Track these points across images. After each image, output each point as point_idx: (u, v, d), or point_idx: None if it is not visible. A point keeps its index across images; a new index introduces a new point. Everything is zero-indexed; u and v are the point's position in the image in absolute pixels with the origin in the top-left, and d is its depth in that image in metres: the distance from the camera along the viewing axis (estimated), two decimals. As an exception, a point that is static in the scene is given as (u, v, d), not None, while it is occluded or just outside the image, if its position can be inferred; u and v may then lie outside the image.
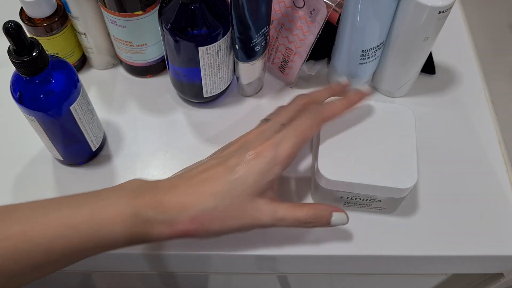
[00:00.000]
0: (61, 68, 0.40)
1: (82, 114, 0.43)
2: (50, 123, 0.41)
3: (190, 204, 0.35)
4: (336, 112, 0.40)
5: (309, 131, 0.38)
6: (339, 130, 0.42)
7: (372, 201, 0.43)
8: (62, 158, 0.47)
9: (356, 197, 0.42)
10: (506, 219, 0.45)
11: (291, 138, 0.37)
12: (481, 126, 0.52)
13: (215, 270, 0.50)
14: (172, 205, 0.35)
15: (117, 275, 0.60)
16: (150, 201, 0.35)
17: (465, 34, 0.60)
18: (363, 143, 0.42)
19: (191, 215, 0.35)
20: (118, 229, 0.34)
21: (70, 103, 0.41)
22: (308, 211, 0.37)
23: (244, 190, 0.36)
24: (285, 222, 0.37)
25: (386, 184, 0.40)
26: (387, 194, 0.41)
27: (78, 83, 0.41)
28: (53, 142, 0.44)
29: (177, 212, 0.35)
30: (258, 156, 0.36)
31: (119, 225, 0.34)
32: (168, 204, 0.35)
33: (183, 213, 0.35)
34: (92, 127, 0.45)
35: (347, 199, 0.43)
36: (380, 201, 0.42)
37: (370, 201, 0.43)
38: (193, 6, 0.42)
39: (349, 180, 0.40)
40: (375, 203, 0.43)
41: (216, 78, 0.49)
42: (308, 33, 0.48)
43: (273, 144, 0.37)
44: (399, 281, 0.60)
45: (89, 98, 0.44)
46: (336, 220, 0.38)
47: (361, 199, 0.42)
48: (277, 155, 0.37)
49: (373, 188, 0.40)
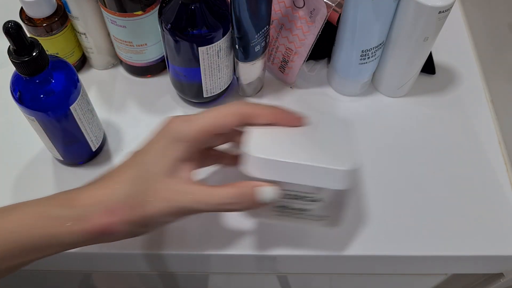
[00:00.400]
0: (61, 68, 0.40)
1: (82, 114, 0.43)
2: (50, 123, 0.41)
3: (103, 196, 0.33)
4: (260, 114, 0.36)
5: (224, 115, 0.36)
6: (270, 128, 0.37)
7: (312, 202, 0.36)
8: (62, 158, 0.47)
9: (294, 194, 0.36)
10: (506, 219, 0.45)
11: (203, 117, 0.35)
12: (481, 126, 0.52)
13: (215, 270, 0.50)
14: (83, 200, 0.33)
15: (117, 275, 0.60)
16: (58, 199, 0.34)
17: (465, 34, 0.60)
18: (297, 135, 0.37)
19: (105, 206, 0.33)
20: (35, 232, 0.32)
21: (70, 103, 0.41)
22: (229, 190, 0.34)
23: (153, 172, 0.34)
24: (205, 204, 0.34)
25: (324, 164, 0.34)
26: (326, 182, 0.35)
27: (78, 83, 0.41)
28: (53, 142, 0.44)
29: (89, 206, 0.33)
30: (164, 132, 0.35)
31: (29, 227, 0.32)
32: (80, 199, 0.33)
33: (95, 205, 0.33)
34: (92, 127, 0.45)
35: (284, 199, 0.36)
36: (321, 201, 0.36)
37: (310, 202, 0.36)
38: (193, 6, 0.42)
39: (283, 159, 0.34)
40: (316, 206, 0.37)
41: (216, 78, 0.49)
42: (308, 33, 0.48)
43: (182, 120, 0.35)
44: (399, 281, 0.60)
45: (89, 98, 0.44)
46: (265, 194, 0.34)
47: (301, 197, 0.36)
48: (182, 130, 0.35)
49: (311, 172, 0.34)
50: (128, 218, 0.33)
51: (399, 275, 0.56)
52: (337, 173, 0.34)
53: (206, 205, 0.34)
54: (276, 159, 0.34)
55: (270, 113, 0.37)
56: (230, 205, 0.34)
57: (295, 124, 0.38)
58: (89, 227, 0.33)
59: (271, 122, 0.37)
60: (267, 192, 0.34)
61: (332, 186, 0.35)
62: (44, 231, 0.33)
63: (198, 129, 0.35)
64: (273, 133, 0.36)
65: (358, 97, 0.54)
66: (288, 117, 0.38)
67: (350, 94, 0.54)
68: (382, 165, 0.49)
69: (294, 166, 0.34)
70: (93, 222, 0.33)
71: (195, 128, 0.35)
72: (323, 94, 0.54)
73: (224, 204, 0.34)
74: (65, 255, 0.43)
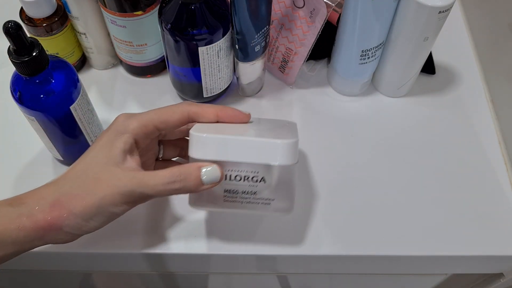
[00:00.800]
0: (61, 68, 0.40)
1: (82, 114, 0.43)
2: (50, 123, 0.41)
3: (48, 192, 0.35)
4: (206, 111, 0.38)
5: (170, 113, 0.38)
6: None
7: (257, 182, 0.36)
8: (62, 158, 0.47)
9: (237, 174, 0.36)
10: (506, 219, 0.45)
11: (149, 113, 0.38)
12: (481, 126, 0.52)
13: (215, 270, 0.50)
14: (29, 198, 0.34)
15: (117, 275, 0.61)
16: (7, 200, 0.35)
17: (465, 34, 0.60)
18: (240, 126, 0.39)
19: (50, 201, 0.34)
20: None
21: (70, 103, 0.41)
22: (173, 170, 0.34)
23: (98, 162, 0.35)
24: (149, 186, 0.34)
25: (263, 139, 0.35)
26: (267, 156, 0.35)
27: (78, 83, 0.41)
28: (53, 142, 0.44)
29: (34, 202, 0.34)
30: (109, 128, 0.37)
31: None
32: (26, 197, 0.35)
33: (40, 201, 0.34)
34: (92, 127, 0.45)
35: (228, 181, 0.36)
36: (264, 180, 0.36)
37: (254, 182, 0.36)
38: (193, 6, 0.42)
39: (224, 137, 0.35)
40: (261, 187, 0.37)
41: (216, 78, 0.49)
42: (308, 33, 0.48)
43: (127, 115, 0.38)
44: (399, 281, 0.60)
45: (89, 98, 0.44)
46: (208, 173, 0.34)
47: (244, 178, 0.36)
48: (127, 123, 0.37)
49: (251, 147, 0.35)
50: (74, 209, 0.34)
51: (399, 275, 0.56)
52: (275, 146, 0.35)
53: (150, 187, 0.34)
54: (216, 136, 0.35)
55: (215, 110, 0.38)
56: (174, 184, 0.34)
57: (241, 120, 0.40)
58: (36, 222, 0.33)
59: (217, 120, 0.39)
60: (210, 170, 0.34)
61: (272, 161, 0.35)
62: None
63: (139, 122, 0.37)
64: (218, 125, 0.38)
65: (358, 97, 0.54)
66: (233, 114, 0.39)
67: (350, 94, 0.54)
68: (382, 165, 0.49)
69: (234, 142, 0.35)
70: (39, 217, 0.33)
71: (137, 121, 0.37)
72: (323, 94, 0.54)
73: (168, 183, 0.34)
74: (65, 255, 0.43)
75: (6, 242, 0.33)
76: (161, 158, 0.43)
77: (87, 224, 0.35)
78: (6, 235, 0.33)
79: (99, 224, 0.35)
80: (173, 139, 0.43)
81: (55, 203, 0.34)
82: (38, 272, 0.57)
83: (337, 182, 0.47)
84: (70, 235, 0.35)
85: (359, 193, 0.47)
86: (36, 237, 0.34)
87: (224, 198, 0.37)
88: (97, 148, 0.36)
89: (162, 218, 0.44)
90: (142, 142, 0.38)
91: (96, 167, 0.35)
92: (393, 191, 0.47)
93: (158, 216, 0.44)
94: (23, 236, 0.33)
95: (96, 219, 0.35)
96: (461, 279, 0.55)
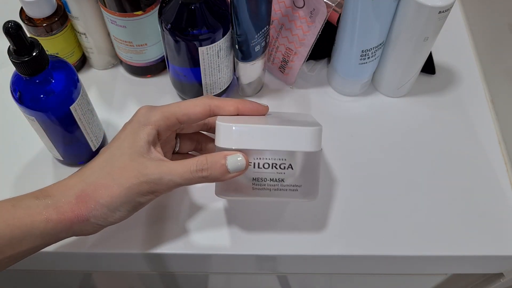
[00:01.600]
0: (61, 68, 0.40)
1: (82, 114, 0.43)
2: (50, 123, 0.41)
3: (73, 183, 0.35)
4: (227, 104, 0.39)
5: (192, 106, 0.38)
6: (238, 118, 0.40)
7: (284, 170, 0.37)
8: (62, 158, 0.47)
9: (264, 162, 0.37)
10: (506, 219, 0.45)
11: (171, 105, 0.38)
12: (481, 126, 0.52)
13: (215, 270, 0.50)
14: (55, 190, 0.35)
15: (117, 275, 0.61)
16: (32, 193, 0.35)
17: (465, 34, 0.60)
18: (263, 118, 0.40)
19: (76, 192, 0.34)
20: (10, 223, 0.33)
21: (70, 103, 0.41)
22: (199, 158, 0.35)
23: (123, 153, 0.35)
24: (176, 175, 0.35)
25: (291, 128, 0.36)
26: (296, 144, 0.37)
27: (78, 83, 0.41)
28: (53, 142, 0.44)
29: (60, 194, 0.34)
30: (131, 120, 0.38)
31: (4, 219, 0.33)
32: (51, 189, 0.35)
33: (66, 192, 0.34)
34: (92, 127, 0.45)
35: (255, 169, 0.37)
36: (291, 168, 0.37)
37: (281, 170, 0.37)
38: (193, 6, 0.42)
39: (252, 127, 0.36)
40: (287, 174, 0.37)
41: (216, 78, 0.49)
42: (308, 33, 0.48)
43: (149, 108, 0.38)
44: (399, 281, 0.60)
45: (89, 98, 0.44)
46: (232, 162, 0.35)
47: (271, 166, 0.37)
48: (150, 115, 0.37)
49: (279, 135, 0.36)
50: (100, 199, 0.34)
51: (399, 275, 0.56)
52: (301, 133, 0.36)
53: (177, 175, 0.35)
54: (243, 126, 0.36)
55: (236, 103, 0.39)
56: (201, 172, 0.35)
57: (260, 112, 0.40)
58: (64, 213, 0.33)
59: (237, 113, 0.39)
60: (236, 159, 0.35)
61: (299, 148, 0.37)
62: (20, 222, 0.33)
63: (162, 114, 0.37)
64: (240, 117, 0.39)
65: (358, 97, 0.54)
66: (253, 107, 0.40)
67: (350, 94, 0.54)
68: (382, 165, 0.49)
69: (260, 131, 0.36)
70: (65, 209, 0.34)
71: (159, 113, 0.37)
72: (323, 94, 0.54)
73: (195, 171, 0.35)
74: (65, 255, 0.43)
75: (34, 235, 0.33)
76: (177, 151, 0.44)
77: (114, 214, 0.35)
78: (34, 227, 0.33)
79: (125, 214, 0.36)
80: (190, 133, 0.44)
81: (82, 194, 0.34)
82: (38, 272, 0.57)
83: (337, 182, 0.47)
84: (97, 226, 0.35)
85: (359, 193, 0.47)
86: (63, 229, 0.34)
87: (253, 187, 0.38)
88: (121, 138, 0.37)
89: (162, 218, 0.44)
90: (163, 134, 0.38)
91: (122, 157, 0.35)
92: (393, 191, 0.47)
93: (158, 216, 0.45)
94: (50, 228, 0.33)
95: (123, 209, 0.35)
96: (461, 279, 0.55)
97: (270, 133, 0.36)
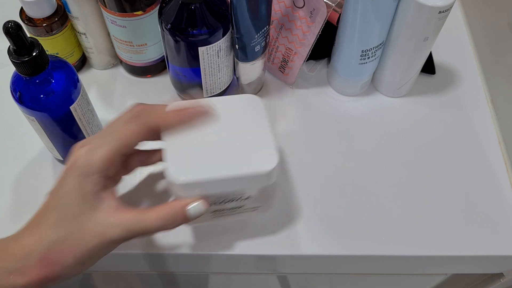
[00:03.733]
0: (61, 68, 0.40)
1: (82, 114, 0.43)
2: (50, 123, 0.41)
3: (32, 245, 0.33)
4: (166, 122, 0.36)
5: (129, 134, 0.35)
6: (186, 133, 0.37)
7: (242, 200, 0.38)
8: (62, 158, 0.47)
9: (223, 199, 0.37)
10: (506, 219, 0.45)
11: (107, 143, 0.34)
12: (481, 126, 0.52)
13: (215, 270, 0.50)
14: (16, 251, 0.33)
15: (117, 275, 0.60)
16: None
17: (465, 34, 0.60)
18: (214, 139, 0.37)
19: (39, 256, 0.32)
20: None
21: (70, 103, 0.41)
22: (158, 214, 0.34)
23: (76, 212, 0.33)
24: (138, 232, 0.34)
25: (247, 171, 0.35)
26: (253, 185, 0.37)
27: (78, 83, 0.41)
28: (53, 142, 0.44)
29: (23, 258, 0.32)
30: (71, 169, 0.34)
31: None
32: (12, 250, 0.33)
33: (29, 257, 0.32)
34: (92, 126, 0.45)
35: (215, 205, 0.38)
36: (250, 197, 0.38)
37: (240, 200, 0.38)
38: (193, 6, 0.42)
39: (207, 177, 0.35)
40: (246, 202, 0.38)
41: (216, 78, 0.49)
42: (308, 33, 0.48)
43: (85, 151, 0.34)
44: (399, 281, 0.60)
45: (89, 98, 0.44)
46: (194, 211, 0.34)
47: (230, 200, 0.38)
48: (91, 163, 0.34)
49: (236, 181, 0.35)
50: (66, 263, 0.33)
51: (399, 275, 0.56)
52: (261, 175, 0.35)
53: (139, 232, 0.34)
54: (199, 179, 0.34)
55: (176, 117, 0.36)
56: (163, 227, 0.34)
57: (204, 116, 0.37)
58: (30, 279, 0.32)
59: (180, 124, 0.36)
60: (196, 208, 0.34)
61: (258, 186, 0.37)
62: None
63: (103, 158, 0.34)
64: (188, 144, 0.36)
65: (358, 97, 0.54)
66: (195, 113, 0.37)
67: (350, 94, 0.54)
68: (382, 165, 0.49)
69: (218, 180, 0.35)
70: (32, 274, 0.32)
71: (100, 158, 0.34)
72: (323, 94, 0.54)
73: (156, 228, 0.34)
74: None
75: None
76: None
77: (83, 268, 0.34)
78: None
79: (95, 263, 0.35)
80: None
81: (45, 259, 0.32)
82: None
83: (337, 182, 0.47)
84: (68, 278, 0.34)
85: (359, 193, 0.47)
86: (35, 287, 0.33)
87: (212, 216, 0.39)
88: (68, 194, 0.34)
89: (162, 218, 0.44)
90: (110, 172, 0.35)
91: (76, 217, 0.33)
92: (393, 191, 0.47)
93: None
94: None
95: (88, 264, 0.34)
96: (461, 279, 0.55)
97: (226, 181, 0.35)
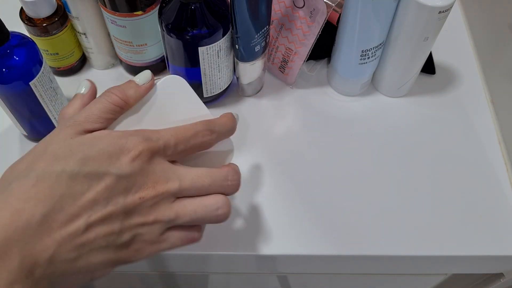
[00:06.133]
0: (24, 45, 0.41)
1: (44, 91, 0.44)
2: (11, 97, 0.42)
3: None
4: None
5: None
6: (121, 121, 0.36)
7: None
8: (26, 134, 0.48)
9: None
10: (506, 219, 0.45)
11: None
12: (481, 126, 0.52)
13: (215, 270, 0.50)
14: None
15: (117, 275, 0.60)
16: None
17: (465, 34, 0.60)
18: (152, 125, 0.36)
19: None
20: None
21: (30, 79, 0.41)
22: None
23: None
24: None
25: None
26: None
27: (39, 59, 0.42)
28: (17, 118, 0.45)
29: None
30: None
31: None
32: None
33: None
34: (55, 104, 0.46)
35: None
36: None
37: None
38: (193, 6, 0.42)
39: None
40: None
41: (216, 78, 0.49)
42: (308, 33, 0.48)
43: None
44: (399, 281, 0.60)
45: (53, 76, 0.45)
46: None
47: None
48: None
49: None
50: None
51: (399, 275, 0.56)
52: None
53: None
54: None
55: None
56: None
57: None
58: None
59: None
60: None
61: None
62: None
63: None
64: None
65: (358, 97, 0.54)
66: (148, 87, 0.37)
67: (350, 94, 0.54)
68: (382, 165, 0.49)
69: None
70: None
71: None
72: (323, 94, 0.54)
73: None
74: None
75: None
76: None
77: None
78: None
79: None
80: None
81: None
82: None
83: (337, 181, 0.47)
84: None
85: (359, 193, 0.47)
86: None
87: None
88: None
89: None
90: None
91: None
92: (393, 191, 0.47)
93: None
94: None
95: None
96: (461, 279, 0.55)
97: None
